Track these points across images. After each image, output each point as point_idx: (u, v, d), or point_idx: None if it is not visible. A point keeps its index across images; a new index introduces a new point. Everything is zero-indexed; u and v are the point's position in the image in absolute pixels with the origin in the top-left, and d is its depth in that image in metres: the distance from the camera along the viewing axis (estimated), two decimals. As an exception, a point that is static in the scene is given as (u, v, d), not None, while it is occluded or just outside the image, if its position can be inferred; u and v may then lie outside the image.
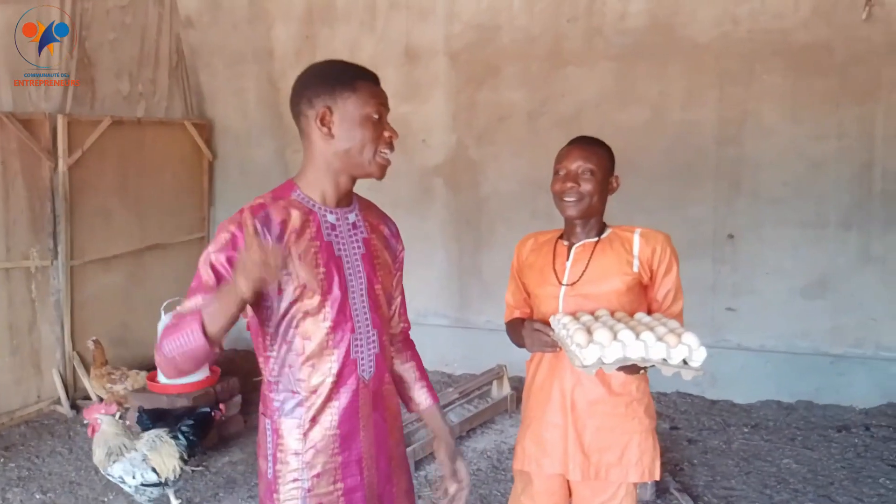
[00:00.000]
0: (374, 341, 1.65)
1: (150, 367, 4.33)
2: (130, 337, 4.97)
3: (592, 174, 1.96)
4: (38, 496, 3.57)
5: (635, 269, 1.97)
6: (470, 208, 5.03)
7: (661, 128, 4.58)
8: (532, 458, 2.07)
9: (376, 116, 1.57)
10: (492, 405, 4.29)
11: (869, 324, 4.35)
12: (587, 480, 1.99)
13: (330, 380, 1.58)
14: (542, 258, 2.08)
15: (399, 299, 1.83)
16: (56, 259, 4.53)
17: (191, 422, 3.37)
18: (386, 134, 1.59)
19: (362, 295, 1.62)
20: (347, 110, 1.55)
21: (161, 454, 3.17)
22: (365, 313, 1.62)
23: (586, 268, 1.98)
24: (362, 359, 1.62)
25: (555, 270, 2.03)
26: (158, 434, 3.26)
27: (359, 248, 1.64)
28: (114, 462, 3.12)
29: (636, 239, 1.99)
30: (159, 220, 5.33)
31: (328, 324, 1.56)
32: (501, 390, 4.42)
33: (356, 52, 5.11)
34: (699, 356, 1.75)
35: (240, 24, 5.46)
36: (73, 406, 4.59)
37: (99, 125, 4.68)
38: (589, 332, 1.78)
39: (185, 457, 3.24)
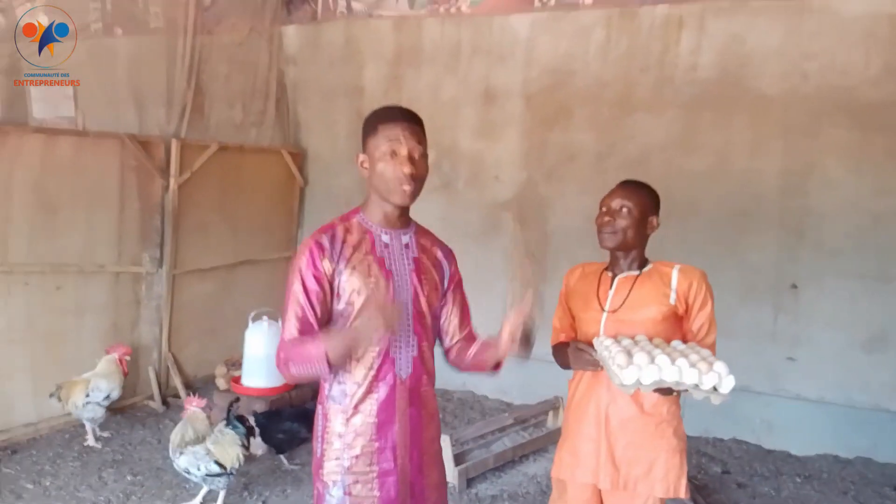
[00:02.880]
0: (413, 345, 1.91)
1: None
2: (218, 342, 5.42)
3: (629, 212, 2.21)
4: (128, 477, 3.98)
5: (672, 301, 2.18)
6: (536, 242, 5.26)
7: (725, 175, 4.71)
8: (568, 467, 2.28)
9: (389, 154, 1.83)
10: (546, 434, 4.44)
11: (931, 382, 4.30)
12: (616, 490, 2.19)
13: (371, 373, 1.86)
14: (587, 286, 2.31)
15: (458, 311, 2.09)
16: (160, 267, 5.04)
17: (236, 416, 3.70)
18: (402, 168, 1.82)
19: (407, 304, 1.90)
20: (371, 152, 1.87)
21: (223, 445, 3.50)
22: (407, 319, 1.90)
23: (627, 297, 2.20)
24: (400, 358, 1.89)
25: (598, 298, 2.26)
26: (219, 427, 3.61)
27: (409, 264, 1.92)
28: (180, 454, 3.48)
29: (675, 274, 2.21)
30: (252, 237, 5.81)
31: None
32: (557, 421, 4.58)
33: (438, 92, 5.50)
34: (728, 384, 1.93)
35: (336, 62, 5.97)
36: (164, 402, 5.05)
37: (207, 149, 5.21)
38: (629, 354, 1.98)
39: (246, 444, 3.58)
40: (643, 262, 2.28)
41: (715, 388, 1.95)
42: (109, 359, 4.46)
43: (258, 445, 4.16)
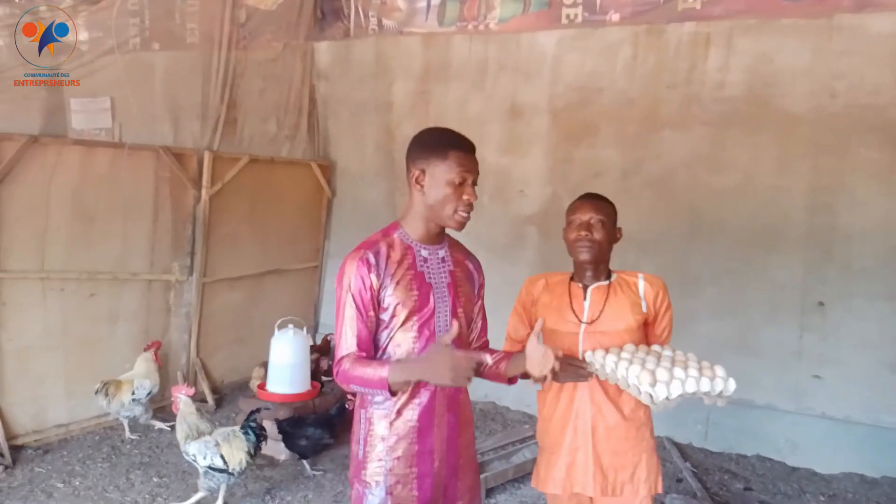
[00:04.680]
0: None
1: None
2: (245, 349, 5.53)
3: (603, 224, 2.26)
4: (154, 479, 4.08)
5: (644, 309, 2.26)
6: (559, 256, 5.22)
7: (752, 192, 4.69)
8: (557, 480, 2.30)
9: (458, 182, 1.93)
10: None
11: (962, 405, 4.23)
12: (606, 497, 2.24)
13: None
14: (557, 298, 2.32)
15: (479, 321, 2.18)
16: (191, 275, 5.17)
17: (254, 421, 3.78)
18: (465, 197, 1.94)
19: (446, 314, 1.99)
20: (436, 174, 1.95)
21: (231, 446, 3.61)
22: (446, 329, 1.97)
23: (603, 308, 2.24)
24: None
25: (573, 310, 2.28)
26: (233, 429, 3.72)
27: (445, 277, 2.02)
28: (191, 441, 3.60)
29: (641, 283, 2.29)
30: (280, 248, 5.93)
31: (413, 334, 1.94)
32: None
33: (465, 108, 5.57)
34: (731, 386, 2.04)
35: (365, 78, 6.09)
36: (191, 407, 5.16)
37: (238, 162, 5.34)
38: (647, 370, 2.02)
39: (252, 452, 3.65)
40: (609, 273, 2.33)
41: (720, 393, 2.05)
42: (147, 356, 4.65)
43: (281, 451, 4.24)
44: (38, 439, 4.40)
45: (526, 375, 2.13)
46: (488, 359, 1.92)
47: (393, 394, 1.85)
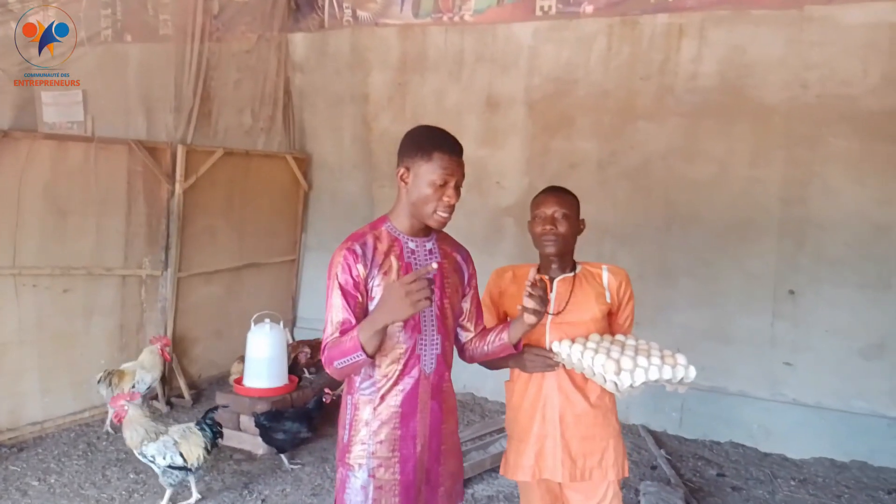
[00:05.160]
0: (437, 344, 2.05)
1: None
2: (223, 343, 5.50)
3: (566, 217, 2.29)
4: (131, 475, 4.06)
5: (608, 299, 2.30)
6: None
7: (726, 183, 4.74)
8: (526, 467, 2.34)
9: (440, 183, 1.96)
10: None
11: (930, 389, 4.32)
12: (575, 482, 2.29)
13: (398, 368, 1.99)
14: (524, 289, 2.32)
15: (474, 309, 2.22)
16: (166, 270, 5.12)
17: (211, 418, 3.76)
18: (445, 198, 1.97)
19: (432, 306, 2.01)
20: (420, 173, 1.98)
21: (189, 442, 3.60)
22: (432, 321, 2.04)
23: (569, 299, 2.28)
24: (425, 355, 2.03)
25: None
26: (188, 426, 3.71)
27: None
28: (148, 443, 3.57)
29: (605, 274, 2.33)
30: (257, 241, 5.89)
31: (399, 324, 1.96)
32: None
33: (442, 100, 5.56)
34: (692, 373, 2.12)
35: (342, 70, 6.05)
36: (168, 403, 5.13)
37: (213, 155, 5.29)
38: (612, 359, 2.08)
39: (209, 447, 3.64)
40: (574, 264, 2.36)
41: (681, 380, 2.12)
42: (152, 349, 4.66)
43: (259, 445, 4.23)
44: (13, 437, 4.36)
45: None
46: (434, 264, 1.90)
47: (371, 356, 1.87)
